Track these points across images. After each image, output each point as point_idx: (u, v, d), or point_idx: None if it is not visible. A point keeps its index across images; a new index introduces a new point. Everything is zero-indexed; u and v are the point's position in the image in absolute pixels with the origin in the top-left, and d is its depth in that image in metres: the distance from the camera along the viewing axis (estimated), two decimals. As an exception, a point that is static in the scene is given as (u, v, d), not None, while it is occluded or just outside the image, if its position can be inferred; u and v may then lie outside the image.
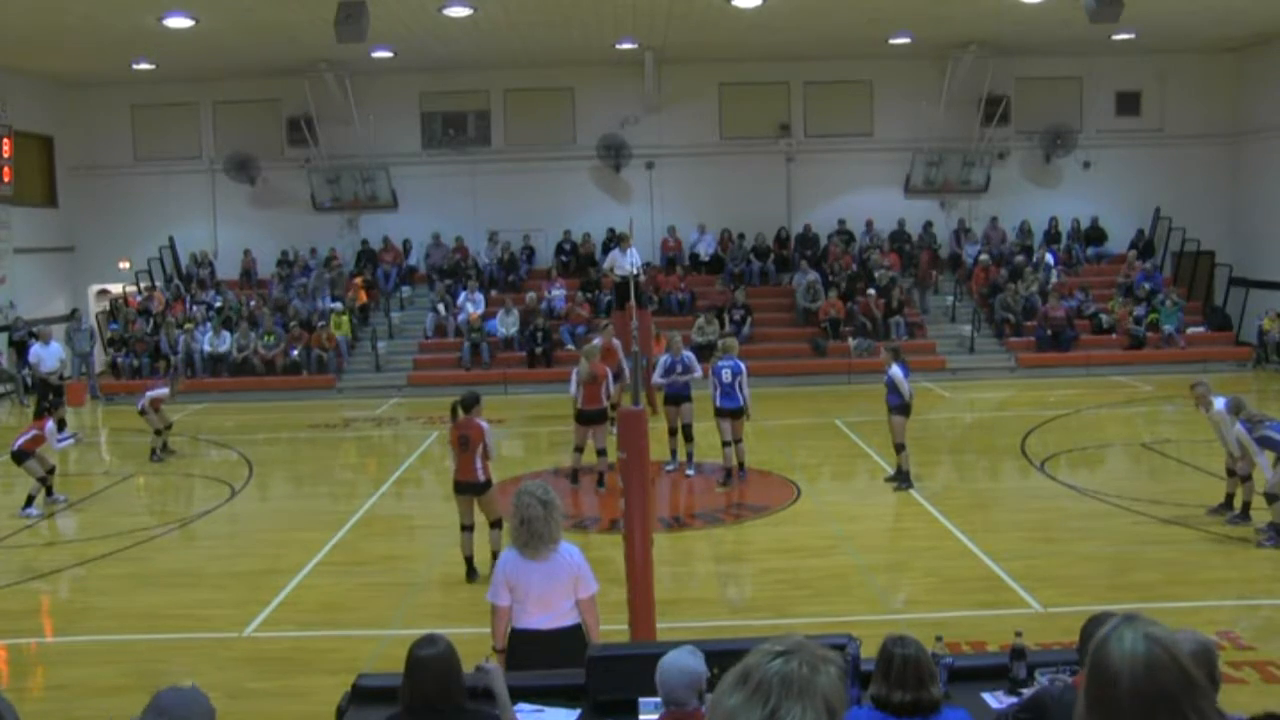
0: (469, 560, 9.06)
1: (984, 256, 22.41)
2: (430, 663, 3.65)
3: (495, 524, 9.01)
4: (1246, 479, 9.94)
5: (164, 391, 14.92)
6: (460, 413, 9.02)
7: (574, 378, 12.21)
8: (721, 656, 3.04)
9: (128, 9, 16.45)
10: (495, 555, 8.77)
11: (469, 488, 8.96)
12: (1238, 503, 9.99)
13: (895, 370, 11.57)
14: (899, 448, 11.93)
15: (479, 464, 8.89)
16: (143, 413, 14.71)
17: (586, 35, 19.71)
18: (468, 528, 9.03)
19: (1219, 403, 10.02)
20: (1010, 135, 23.16)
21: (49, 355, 16.59)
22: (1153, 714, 1.85)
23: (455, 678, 3.68)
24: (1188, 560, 9.12)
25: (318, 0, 15.35)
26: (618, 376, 14.12)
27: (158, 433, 14.71)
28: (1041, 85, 23.03)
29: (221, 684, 6.69)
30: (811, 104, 23.50)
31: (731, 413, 12.01)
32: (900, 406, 11.69)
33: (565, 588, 5.13)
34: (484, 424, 9.03)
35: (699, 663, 3.72)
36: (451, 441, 9.08)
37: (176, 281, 23.14)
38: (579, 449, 12.23)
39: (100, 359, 21.75)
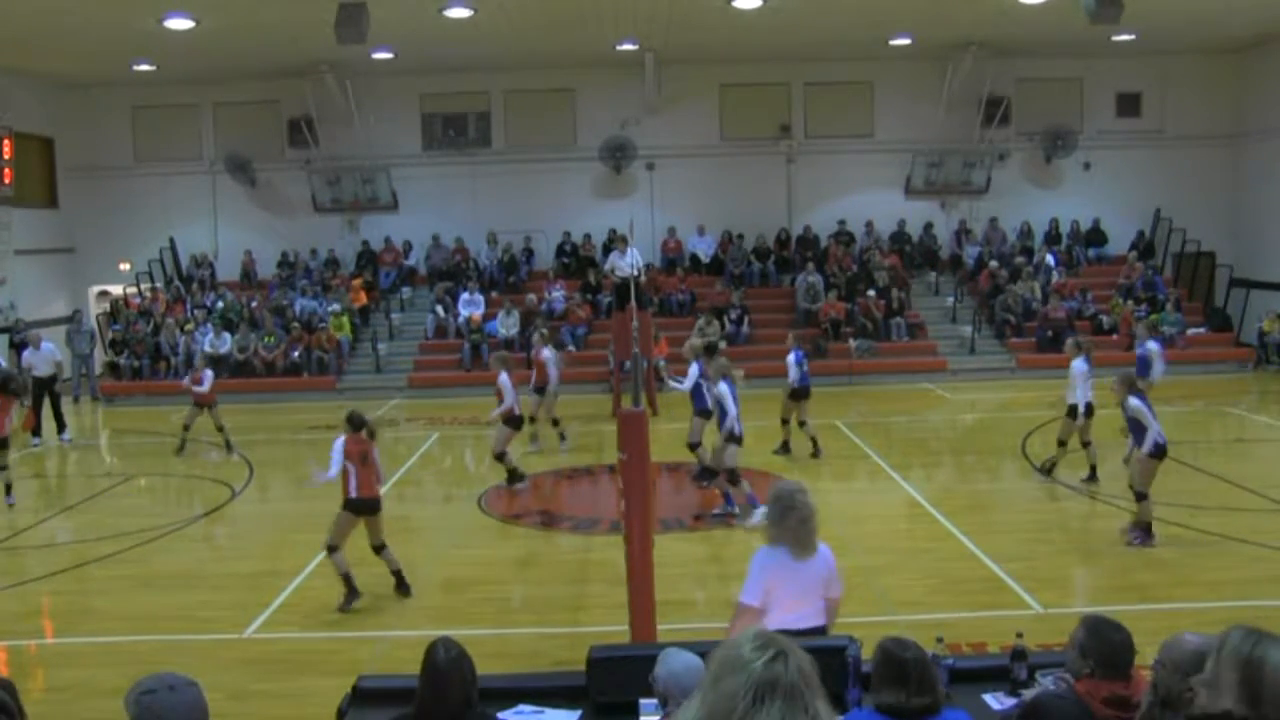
0: (351, 579, 8.43)
1: (993, 263, 22.36)
2: (451, 669, 3.74)
3: (381, 547, 8.65)
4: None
5: (198, 389, 14.96)
6: (362, 429, 8.57)
7: (506, 384, 12.16)
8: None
9: (128, 10, 16.46)
10: (398, 575, 8.70)
11: (373, 505, 8.56)
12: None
13: (789, 356, 13.26)
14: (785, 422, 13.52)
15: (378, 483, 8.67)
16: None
17: (587, 37, 19.71)
18: (338, 548, 8.44)
19: (1077, 362, 11.36)
20: (1011, 136, 23.16)
21: (40, 360, 16.48)
22: None
23: (472, 682, 3.79)
24: (1188, 561, 9.12)
25: (318, 1, 15.35)
26: (541, 389, 14.57)
27: (219, 429, 14.99)
28: (1042, 86, 23.03)
29: (222, 685, 6.68)
30: (812, 105, 23.50)
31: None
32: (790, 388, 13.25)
33: (822, 587, 5.12)
34: (375, 448, 8.74)
35: (699, 660, 3.74)
36: (353, 455, 8.46)
37: (177, 283, 23.14)
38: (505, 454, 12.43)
39: (101, 360, 21.74)
